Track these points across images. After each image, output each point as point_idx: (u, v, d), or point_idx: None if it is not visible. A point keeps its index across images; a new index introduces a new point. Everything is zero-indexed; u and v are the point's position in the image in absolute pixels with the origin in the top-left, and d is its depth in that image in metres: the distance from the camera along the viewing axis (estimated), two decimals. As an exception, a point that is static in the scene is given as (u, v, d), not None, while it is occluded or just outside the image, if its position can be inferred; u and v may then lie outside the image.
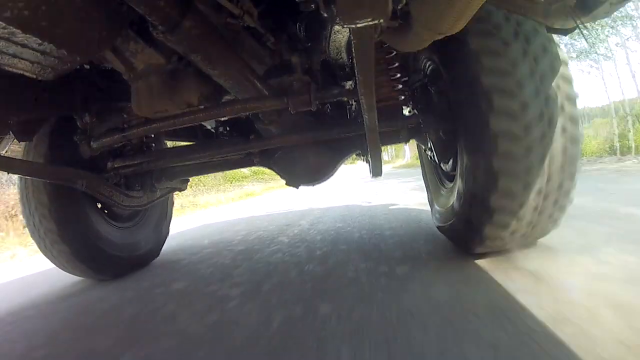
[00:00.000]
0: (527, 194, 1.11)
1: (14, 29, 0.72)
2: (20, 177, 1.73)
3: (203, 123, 1.92)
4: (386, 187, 5.58)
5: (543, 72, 1.06)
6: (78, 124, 1.48)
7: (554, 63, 1.08)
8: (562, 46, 1.14)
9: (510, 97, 1.05)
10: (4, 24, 0.69)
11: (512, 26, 1.09)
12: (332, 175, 1.92)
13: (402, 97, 1.56)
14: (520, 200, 1.12)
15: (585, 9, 0.74)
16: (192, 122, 1.27)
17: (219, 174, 12.58)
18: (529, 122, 1.05)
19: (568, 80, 1.11)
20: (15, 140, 1.41)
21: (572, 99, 1.10)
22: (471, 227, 1.27)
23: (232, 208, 6.03)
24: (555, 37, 1.13)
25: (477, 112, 1.10)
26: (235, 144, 1.67)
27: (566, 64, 1.11)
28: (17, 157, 1.64)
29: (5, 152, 1.62)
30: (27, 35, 0.75)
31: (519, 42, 1.07)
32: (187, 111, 1.23)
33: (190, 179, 2.31)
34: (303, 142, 1.63)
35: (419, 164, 2.31)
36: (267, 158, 1.84)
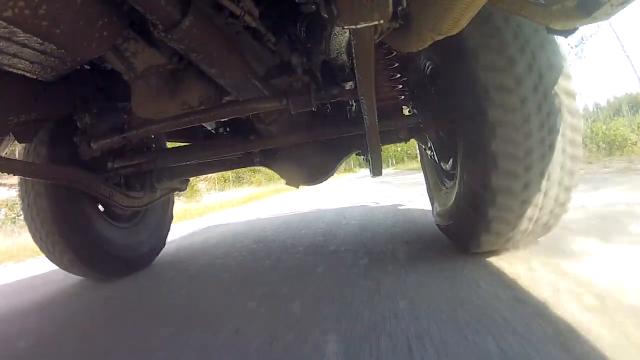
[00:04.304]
0: (527, 193, 1.12)
1: (15, 29, 0.72)
2: (21, 178, 1.73)
3: (203, 124, 1.92)
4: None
5: (546, 85, 1.07)
6: (78, 124, 1.48)
7: (555, 67, 1.08)
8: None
9: (510, 110, 1.06)
10: (4, 24, 0.69)
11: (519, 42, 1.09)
12: (332, 174, 1.93)
13: (402, 97, 1.56)
14: (520, 199, 1.12)
15: (586, 11, 0.74)
16: (192, 123, 1.27)
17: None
18: (529, 130, 1.06)
19: (568, 81, 1.11)
20: (15, 141, 1.41)
21: (571, 94, 1.10)
22: (471, 226, 1.27)
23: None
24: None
25: (476, 111, 1.10)
26: (236, 143, 1.67)
27: (569, 77, 1.11)
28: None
29: (6, 153, 1.61)
30: (28, 35, 0.75)
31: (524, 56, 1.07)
32: (188, 112, 1.23)
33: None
34: (303, 141, 1.64)
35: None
36: (268, 158, 1.85)
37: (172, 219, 2.61)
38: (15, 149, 1.81)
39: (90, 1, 0.80)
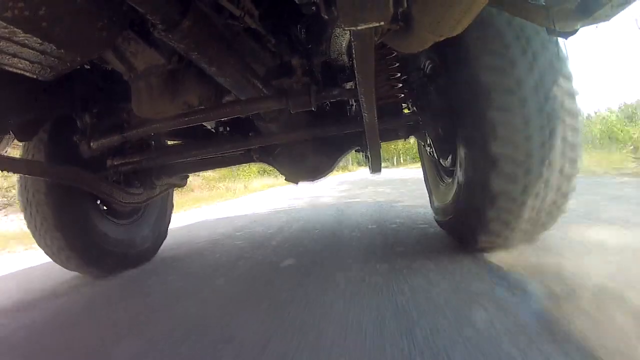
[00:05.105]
0: (527, 189, 1.11)
1: (15, 29, 0.72)
2: (21, 176, 1.73)
3: (203, 123, 1.93)
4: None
5: (547, 86, 1.06)
6: (78, 124, 1.48)
7: (554, 64, 1.08)
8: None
9: (509, 93, 1.06)
10: (4, 24, 0.69)
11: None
12: (331, 171, 1.92)
13: (402, 95, 1.56)
14: (520, 197, 1.12)
15: (587, 12, 0.74)
16: (192, 122, 1.27)
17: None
18: (528, 114, 1.05)
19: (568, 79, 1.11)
20: (15, 140, 1.41)
21: (572, 95, 1.11)
22: (470, 221, 1.27)
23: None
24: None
25: (475, 105, 1.10)
26: (235, 141, 1.67)
27: (568, 68, 1.11)
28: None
29: (6, 151, 1.61)
30: (28, 35, 0.75)
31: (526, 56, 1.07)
32: (188, 112, 1.22)
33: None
34: (302, 139, 1.64)
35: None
36: (267, 154, 1.85)
37: (171, 215, 2.61)
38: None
39: (90, 1, 0.80)
